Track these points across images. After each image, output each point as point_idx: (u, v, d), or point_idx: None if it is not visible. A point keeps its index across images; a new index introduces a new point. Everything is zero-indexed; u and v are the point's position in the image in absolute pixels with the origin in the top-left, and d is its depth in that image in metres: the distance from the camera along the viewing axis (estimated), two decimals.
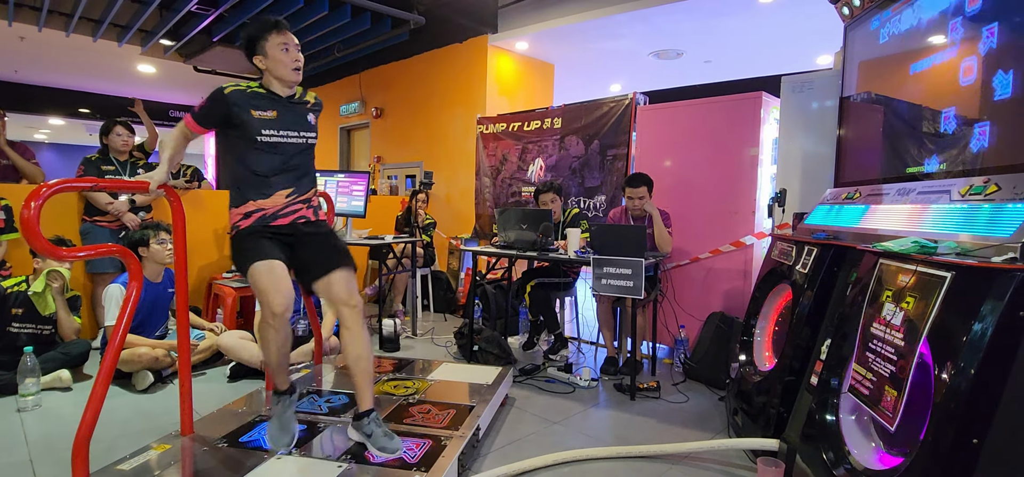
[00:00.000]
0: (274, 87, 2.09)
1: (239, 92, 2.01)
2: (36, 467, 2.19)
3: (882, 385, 1.65)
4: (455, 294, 5.55)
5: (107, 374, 1.70)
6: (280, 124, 2.07)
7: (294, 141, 2.11)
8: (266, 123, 2.03)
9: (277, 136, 2.06)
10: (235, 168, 2.06)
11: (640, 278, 3.00)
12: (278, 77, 2.08)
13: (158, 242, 3.19)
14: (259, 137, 2.02)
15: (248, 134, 2.01)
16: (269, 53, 2.05)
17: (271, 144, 2.04)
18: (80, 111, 11.16)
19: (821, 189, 2.92)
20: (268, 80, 2.10)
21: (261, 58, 2.07)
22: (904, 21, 2.34)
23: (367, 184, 4.36)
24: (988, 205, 1.68)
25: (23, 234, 1.59)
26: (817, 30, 5.22)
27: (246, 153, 2.03)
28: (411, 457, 1.99)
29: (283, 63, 2.06)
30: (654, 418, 2.87)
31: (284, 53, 2.06)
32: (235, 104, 1.99)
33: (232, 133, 2.03)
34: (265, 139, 2.03)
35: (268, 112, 2.04)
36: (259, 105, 2.03)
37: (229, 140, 2.06)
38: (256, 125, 2.01)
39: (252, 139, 2.01)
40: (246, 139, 2.01)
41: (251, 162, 2.03)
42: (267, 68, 2.07)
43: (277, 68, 2.06)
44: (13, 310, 3.09)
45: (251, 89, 2.05)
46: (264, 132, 2.02)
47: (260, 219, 2.05)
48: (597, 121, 4.60)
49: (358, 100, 7.88)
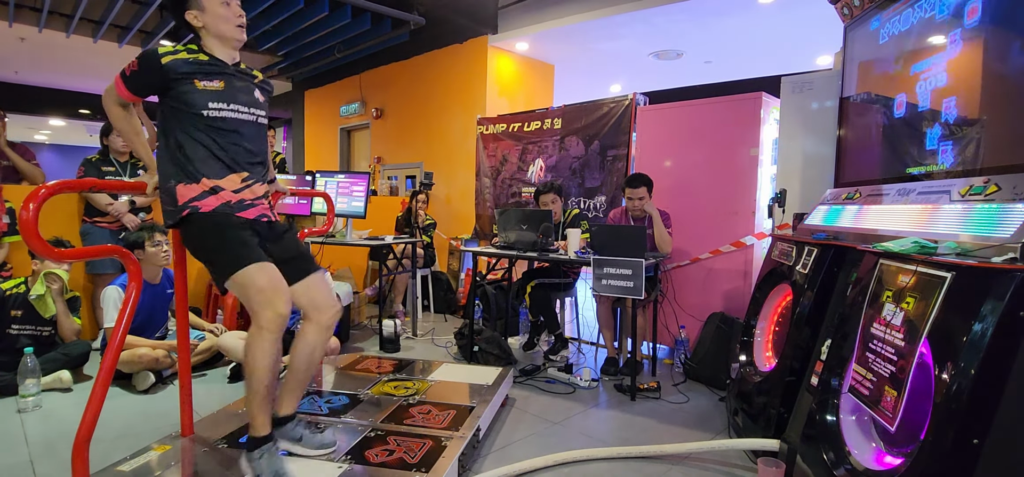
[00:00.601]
0: (216, 50, 1.85)
1: (180, 60, 1.76)
2: (36, 467, 2.19)
3: (882, 385, 1.65)
4: (455, 295, 5.55)
5: (107, 375, 1.70)
6: (228, 96, 1.83)
7: (245, 117, 1.88)
8: (212, 95, 1.79)
9: (227, 110, 1.82)
10: (178, 137, 1.79)
11: (640, 278, 3.00)
12: (219, 35, 1.84)
13: (153, 244, 3.18)
14: (205, 111, 1.78)
15: (192, 107, 1.77)
16: (207, 6, 1.81)
17: (219, 119, 1.81)
18: (80, 112, 11.18)
19: (821, 189, 2.92)
20: (208, 42, 1.85)
21: (196, 13, 1.81)
22: (904, 21, 2.34)
23: (367, 185, 4.36)
24: (988, 205, 1.68)
25: (22, 235, 1.58)
26: (817, 30, 5.22)
27: (189, 126, 1.79)
28: (411, 457, 1.99)
29: (224, 18, 1.83)
30: (654, 419, 2.87)
31: (225, 7, 1.83)
32: (175, 74, 1.75)
33: (170, 101, 1.79)
34: (213, 113, 1.79)
35: (214, 82, 1.80)
36: (203, 74, 1.79)
37: (167, 106, 1.81)
38: (201, 98, 1.77)
39: (197, 113, 1.78)
40: (189, 112, 1.78)
41: (197, 135, 1.79)
42: (205, 25, 1.82)
43: (218, 24, 1.82)
44: (13, 312, 3.09)
45: (193, 55, 1.80)
46: (211, 105, 1.79)
47: (225, 205, 1.81)
48: (597, 122, 4.60)
49: (358, 100, 7.89)
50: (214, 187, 1.81)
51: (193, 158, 1.79)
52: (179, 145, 1.80)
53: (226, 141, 1.83)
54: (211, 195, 1.81)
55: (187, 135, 1.80)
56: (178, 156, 1.80)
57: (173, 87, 1.76)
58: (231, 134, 1.84)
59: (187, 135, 1.80)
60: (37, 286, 3.12)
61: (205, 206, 1.80)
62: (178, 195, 1.80)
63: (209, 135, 1.81)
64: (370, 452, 2.03)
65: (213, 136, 1.82)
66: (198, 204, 1.80)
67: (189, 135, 1.80)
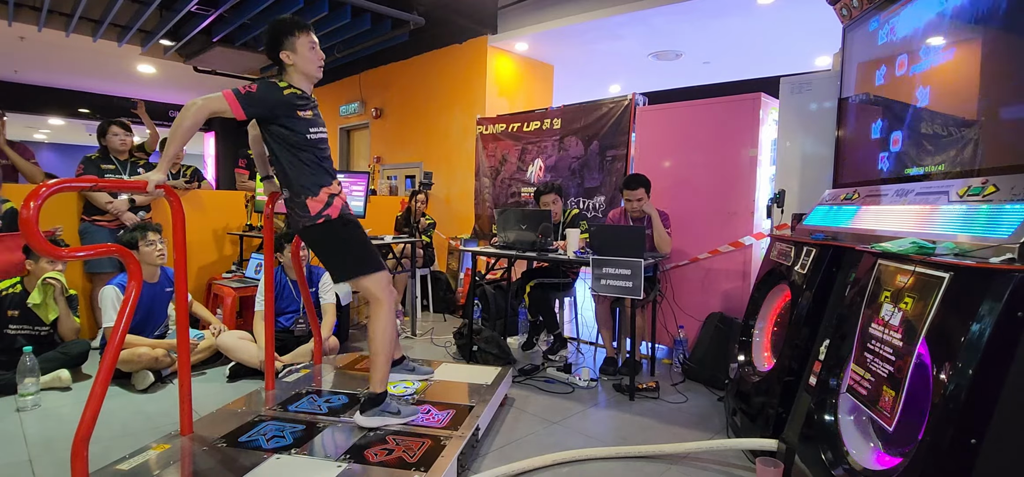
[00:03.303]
0: (301, 85, 2.19)
1: (293, 94, 2.12)
2: (35, 467, 2.19)
3: (880, 385, 1.65)
4: (454, 294, 5.56)
5: (106, 374, 1.70)
6: (316, 123, 2.20)
7: (325, 136, 2.25)
8: (309, 123, 2.16)
9: (317, 133, 2.19)
10: (289, 159, 2.15)
11: (639, 279, 3.00)
12: (305, 73, 2.20)
13: (147, 244, 3.17)
14: (308, 135, 2.14)
15: (299, 133, 2.12)
16: (299, 50, 2.16)
17: (316, 142, 2.18)
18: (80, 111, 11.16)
19: (820, 190, 2.93)
20: (294, 77, 2.19)
21: (289, 53, 2.16)
22: (903, 22, 2.34)
23: (367, 185, 4.36)
24: (986, 206, 1.68)
25: (22, 234, 1.59)
26: (816, 31, 5.23)
27: (297, 148, 2.13)
28: (411, 456, 1.99)
29: (311, 61, 2.19)
30: (653, 418, 2.87)
31: (312, 51, 2.19)
32: (289, 105, 2.10)
33: (279, 129, 2.12)
34: (312, 137, 2.16)
35: (307, 112, 2.16)
36: (302, 106, 2.15)
37: (276, 133, 2.13)
38: (304, 125, 2.14)
39: (302, 136, 2.13)
40: (296, 137, 2.12)
41: (303, 156, 2.14)
42: (294, 63, 2.17)
43: (306, 65, 2.18)
44: (9, 312, 3.08)
45: (292, 90, 2.14)
46: (310, 131, 2.16)
47: (344, 207, 2.21)
48: (596, 122, 4.60)
49: (358, 100, 7.89)
50: (332, 193, 2.20)
51: (307, 173, 2.15)
52: (291, 165, 2.15)
53: (320, 159, 2.20)
54: (335, 200, 2.20)
55: (297, 157, 2.15)
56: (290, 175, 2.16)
57: (285, 116, 2.11)
58: (321, 154, 2.21)
59: (297, 157, 2.15)
60: (34, 294, 3.11)
61: (334, 212, 2.18)
62: (309, 208, 2.16)
63: (311, 153, 2.17)
64: (369, 451, 2.03)
65: (314, 153, 2.18)
66: (329, 212, 2.17)
67: (298, 156, 2.15)
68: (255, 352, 3.24)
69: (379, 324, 2.23)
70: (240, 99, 2.01)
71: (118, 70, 9.07)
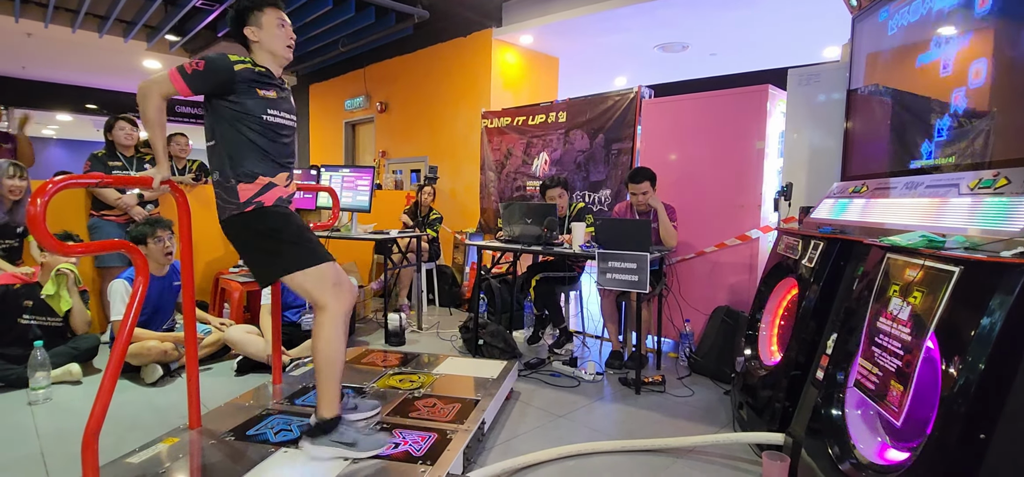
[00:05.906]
0: (267, 63, 2.03)
1: (247, 69, 1.94)
2: (47, 460, 2.22)
3: (888, 380, 1.64)
4: (460, 288, 5.57)
5: (116, 368, 1.71)
6: (279, 105, 2.02)
7: (288, 124, 2.06)
8: (269, 103, 1.97)
9: (278, 117, 2.00)
10: (234, 140, 1.94)
11: (645, 272, 2.99)
12: (272, 51, 2.03)
13: (155, 241, 3.20)
14: (264, 117, 1.95)
15: (250, 112, 1.93)
16: (265, 25, 1.99)
17: (272, 125, 1.98)
18: (87, 107, 11.23)
19: (828, 183, 2.90)
20: (261, 55, 2.03)
21: (255, 29, 1.99)
22: (913, 12, 2.31)
23: (372, 179, 4.37)
24: (997, 199, 1.66)
25: (30, 230, 1.59)
26: (824, 22, 5.18)
27: (246, 129, 1.94)
28: (417, 450, 2.00)
29: (279, 37, 2.02)
30: (659, 412, 2.87)
31: (280, 28, 2.02)
32: (242, 80, 1.92)
33: (225, 105, 1.93)
34: (269, 119, 1.97)
35: (269, 91, 1.98)
36: (262, 84, 1.97)
37: (219, 109, 1.94)
38: (261, 105, 1.95)
39: (256, 118, 1.94)
40: (245, 116, 1.93)
41: (253, 137, 1.95)
42: (260, 40, 2.01)
43: (272, 42, 2.01)
44: (25, 302, 3.11)
45: (256, 68, 1.98)
46: (269, 112, 1.97)
47: (280, 199, 1.99)
48: (602, 115, 4.58)
49: (363, 95, 7.89)
50: (270, 183, 1.98)
51: (247, 158, 1.95)
52: (233, 147, 1.95)
53: (276, 145, 2.02)
54: (270, 191, 1.98)
55: (243, 137, 1.95)
56: (229, 158, 1.95)
57: (236, 92, 1.92)
58: (278, 141, 2.02)
59: (243, 137, 1.95)
60: (48, 285, 3.14)
61: (267, 201, 1.97)
62: (238, 194, 1.94)
63: (264, 137, 1.98)
64: None
65: (268, 138, 1.99)
66: (261, 199, 1.96)
67: (245, 137, 1.95)
68: (262, 346, 3.26)
69: (322, 333, 1.92)
70: (185, 78, 1.87)
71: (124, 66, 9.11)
